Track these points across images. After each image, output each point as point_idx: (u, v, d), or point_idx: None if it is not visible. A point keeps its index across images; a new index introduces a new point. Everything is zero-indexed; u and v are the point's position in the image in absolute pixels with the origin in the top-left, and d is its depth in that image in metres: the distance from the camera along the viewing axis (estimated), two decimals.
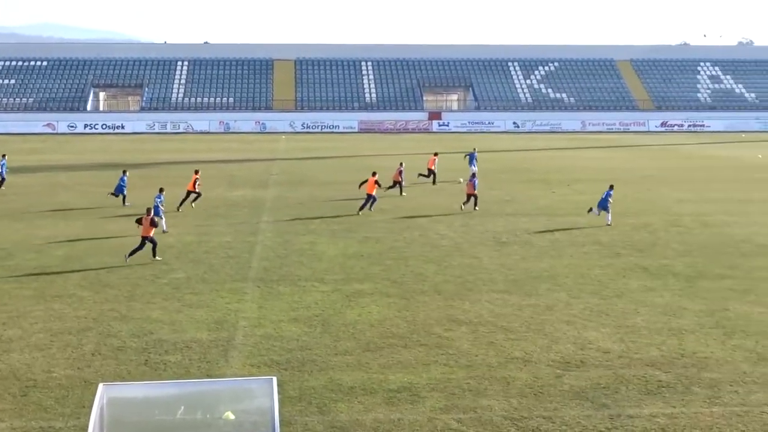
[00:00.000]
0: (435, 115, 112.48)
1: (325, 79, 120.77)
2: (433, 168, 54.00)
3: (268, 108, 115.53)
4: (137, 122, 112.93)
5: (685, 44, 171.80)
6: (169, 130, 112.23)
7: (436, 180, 53.43)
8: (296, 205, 44.62)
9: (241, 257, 31.69)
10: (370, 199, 41.67)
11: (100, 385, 13.25)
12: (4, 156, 52.48)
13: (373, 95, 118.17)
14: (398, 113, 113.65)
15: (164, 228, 36.21)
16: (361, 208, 41.66)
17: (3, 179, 51.06)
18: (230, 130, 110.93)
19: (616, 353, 21.11)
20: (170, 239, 34.93)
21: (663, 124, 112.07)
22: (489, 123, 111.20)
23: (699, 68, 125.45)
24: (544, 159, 66.01)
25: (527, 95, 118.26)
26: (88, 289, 26.93)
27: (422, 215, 41.19)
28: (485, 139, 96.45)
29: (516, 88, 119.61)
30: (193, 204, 43.12)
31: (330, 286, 27.47)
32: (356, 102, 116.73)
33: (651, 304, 25.63)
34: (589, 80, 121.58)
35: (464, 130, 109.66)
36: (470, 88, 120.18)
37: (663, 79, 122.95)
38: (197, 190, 43.13)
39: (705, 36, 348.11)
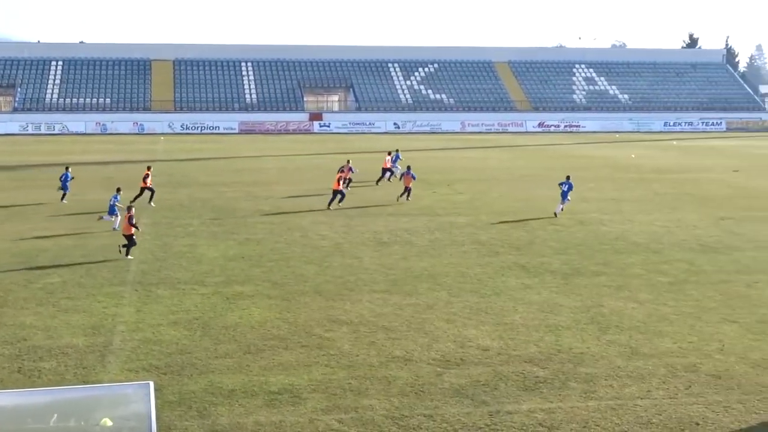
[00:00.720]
0: (316, 116, 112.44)
1: (205, 79, 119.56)
2: (388, 167, 54.90)
3: (147, 109, 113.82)
4: (10, 123, 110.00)
5: (561, 46, 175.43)
6: (43, 131, 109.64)
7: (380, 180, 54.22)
8: (176, 207, 44.04)
9: (118, 260, 31.09)
10: (337, 194, 43.73)
11: None
12: None
13: (254, 96, 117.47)
14: (279, 114, 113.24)
15: (115, 226, 36.62)
16: (330, 203, 43.75)
17: None
18: (107, 132, 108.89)
19: (495, 350, 21.40)
20: (46, 243, 34.13)
21: (540, 125, 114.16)
22: (370, 124, 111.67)
23: (574, 70, 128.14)
24: (425, 159, 66.55)
25: (407, 96, 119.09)
26: None
27: (302, 215, 41.09)
28: (366, 139, 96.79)
29: (396, 89, 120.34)
30: (152, 202, 44.03)
31: (210, 289, 27.18)
32: (236, 103, 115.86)
33: (529, 301, 26.05)
34: (469, 81, 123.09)
35: (345, 131, 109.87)
36: (351, 89, 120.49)
37: (540, 81, 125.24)
38: (150, 186, 44.50)
39: (580, 38, 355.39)
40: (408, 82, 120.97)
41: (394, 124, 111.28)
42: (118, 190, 39.08)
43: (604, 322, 23.87)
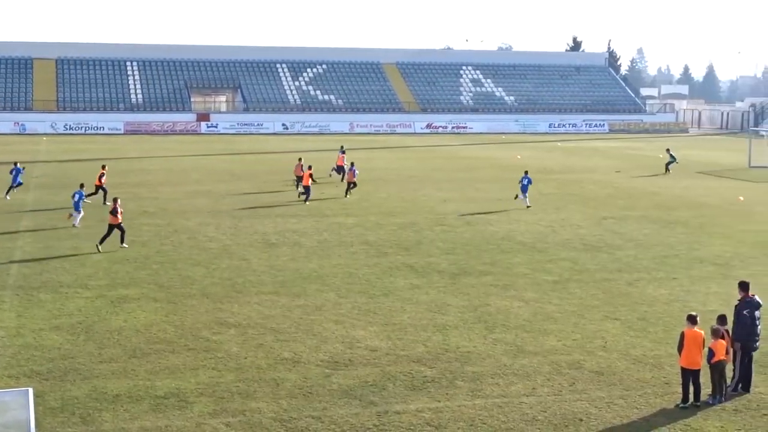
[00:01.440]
0: (203, 117, 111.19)
1: (89, 79, 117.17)
2: (342, 165, 55.56)
3: (28, 108, 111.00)
4: None
5: (449, 48, 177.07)
6: None
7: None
8: (57, 210, 43.07)
9: None
10: (307, 190, 46.17)
11: None
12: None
13: (139, 96, 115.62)
14: (165, 114, 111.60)
15: (76, 223, 37.72)
16: (306, 199, 46.05)
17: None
18: None
19: (384, 351, 21.49)
20: None
21: (428, 126, 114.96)
22: (258, 124, 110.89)
23: (461, 72, 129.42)
24: (314, 160, 66.15)
25: (296, 97, 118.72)
26: None
27: (189, 217, 40.62)
28: (254, 140, 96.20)
29: (285, 89, 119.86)
30: (106, 202, 43.23)
31: (94, 292, 26.67)
32: (121, 103, 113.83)
33: (417, 301, 26.23)
34: (357, 82, 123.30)
35: (233, 131, 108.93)
36: (239, 90, 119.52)
37: (427, 82, 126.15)
38: (103, 185, 45.06)
39: (467, 41, 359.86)
40: (296, 83, 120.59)
41: (283, 125, 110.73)
42: (81, 186, 39.91)
43: (491, 321, 24.18)
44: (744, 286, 19.74)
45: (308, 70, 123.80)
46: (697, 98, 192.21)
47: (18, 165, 49.18)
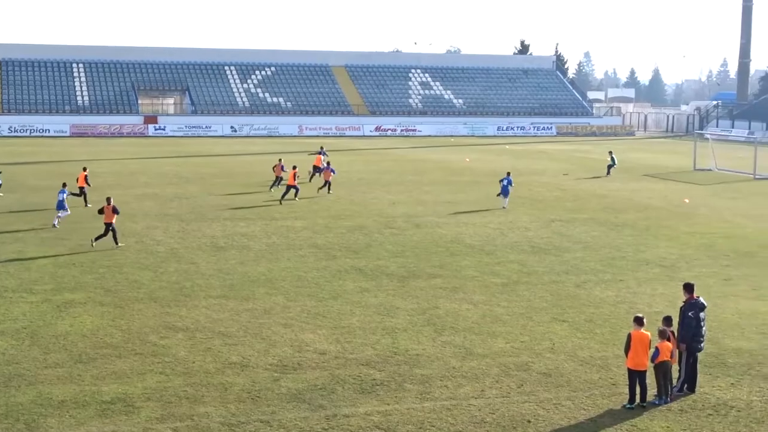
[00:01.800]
0: (151, 119, 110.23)
1: (34, 80, 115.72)
2: (318, 165, 56.41)
3: None
4: None
5: (398, 51, 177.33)
6: None
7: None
8: (4, 212, 42.51)
9: None
10: (290, 188, 47.71)
11: None
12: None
13: (86, 98, 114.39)
14: (112, 117, 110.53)
15: (55, 222, 38.67)
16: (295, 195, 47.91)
17: None
18: None
19: (333, 354, 21.46)
20: None
21: (377, 129, 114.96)
22: (206, 127, 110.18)
23: (410, 75, 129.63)
24: (262, 163, 65.99)
25: (244, 99, 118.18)
26: None
27: (136, 220, 40.29)
28: (202, 143, 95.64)
29: (233, 92, 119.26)
30: (87, 204, 44.02)
31: (39, 297, 26.35)
32: (67, 105, 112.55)
33: (366, 304, 26.23)
34: (306, 85, 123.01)
35: (181, 134, 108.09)
36: (187, 92, 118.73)
37: (376, 85, 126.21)
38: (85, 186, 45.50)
39: (416, 44, 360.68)
40: (245, 85, 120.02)
41: (231, 127, 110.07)
42: (64, 185, 40.64)
43: (440, 324, 24.24)
44: (689, 288, 19.97)
45: (257, 72, 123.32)
46: (643, 102, 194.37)
47: None
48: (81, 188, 45.28)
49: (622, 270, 31.46)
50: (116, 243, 34.09)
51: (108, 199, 34.52)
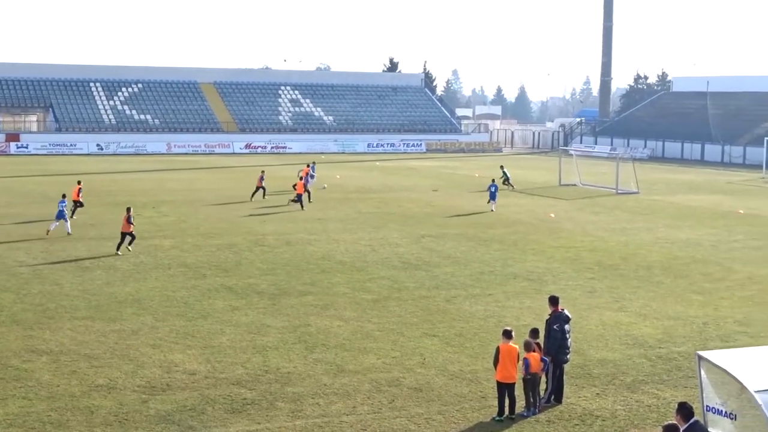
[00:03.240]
0: (13, 137, 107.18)
1: None
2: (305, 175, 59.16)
3: None
4: None
5: (267, 68, 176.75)
6: None
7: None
8: None
9: None
10: (299, 197, 52.62)
11: None
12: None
13: None
14: None
15: (68, 230, 41.21)
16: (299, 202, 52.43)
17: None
18: None
19: (203, 374, 21.18)
20: None
21: (247, 146, 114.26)
22: (71, 145, 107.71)
23: (280, 92, 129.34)
24: (129, 181, 65.01)
25: (111, 117, 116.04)
26: None
27: (2, 242, 39.16)
28: (68, 161, 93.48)
29: (99, 109, 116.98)
30: (73, 216, 45.39)
31: None
32: None
33: (236, 323, 25.99)
34: (174, 102, 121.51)
35: (45, 152, 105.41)
36: (50, 109, 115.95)
37: (246, 102, 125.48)
38: (81, 200, 47.67)
39: (285, 61, 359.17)
40: (111, 102, 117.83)
41: (97, 145, 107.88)
42: (64, 196, 42.86)
43: (311, 341, 24.18)
44: (554, 301, 20.38)
45: (123, 89, 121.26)
46: (510, 119, 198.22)
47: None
48: (75, 202, 47.07)
49: (491, 284, 31.93)
50: (128, 244, 37.54)
51: (127, 210, 37.93)
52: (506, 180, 66.38)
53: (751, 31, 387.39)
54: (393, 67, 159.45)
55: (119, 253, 36.65)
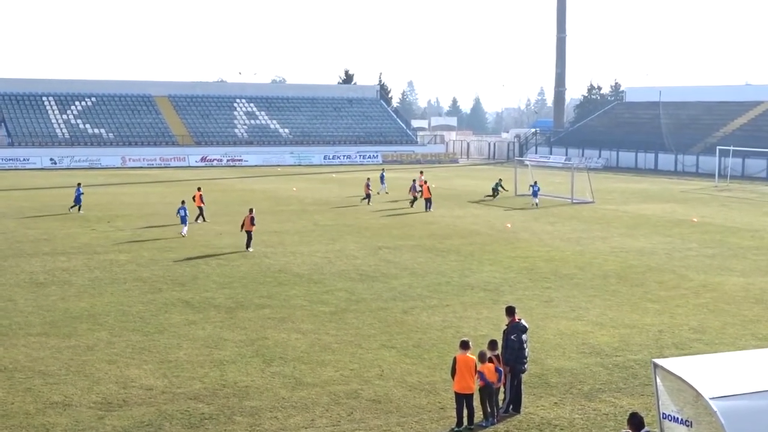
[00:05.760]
0: None
1: None
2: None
3: None
4: None
5: (222, 81, 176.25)
6: None
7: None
8: None
9: None
10: (429, 201, 59.25)
11: None
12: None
13: None
14: None
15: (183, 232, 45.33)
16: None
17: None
18: None
19: (160, 389, 21.03)
20: None
21: (203, 159, 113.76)
22: (24, 159, 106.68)
23: (235, 104, 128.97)
24: (84, 195, 64.27)
25: (64, 131, 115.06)
26: None
27: None
28: (20, 176, 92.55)
29: (52, 123, 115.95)
30: (204, 219, 51.37)
31: None
32: None
33: (193, 337, 25.84)
34: (128, 116, 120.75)
35: None
36: (2, 124, 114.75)
37: (201, 115, 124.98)
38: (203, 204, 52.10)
39: (240, 73, 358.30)
40: (64, 116, 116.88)
41: (51, 159, 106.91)
42: (183, 202, 47.86)
43: (269, 355, 24.09)
44: (510, 311, 20.46)
45: (76, 103, 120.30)
46: (465, 129, 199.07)
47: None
48: (199, 207, 51.84)
49: (448, 295, 32.00)
50: (248, 248, 41.23)
51: (250, 210, 42.78)
52: (495, 190, 68.75)
53: (702, 42, 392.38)
54: (348, 79, 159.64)
55: (250, 249, 40.98)
